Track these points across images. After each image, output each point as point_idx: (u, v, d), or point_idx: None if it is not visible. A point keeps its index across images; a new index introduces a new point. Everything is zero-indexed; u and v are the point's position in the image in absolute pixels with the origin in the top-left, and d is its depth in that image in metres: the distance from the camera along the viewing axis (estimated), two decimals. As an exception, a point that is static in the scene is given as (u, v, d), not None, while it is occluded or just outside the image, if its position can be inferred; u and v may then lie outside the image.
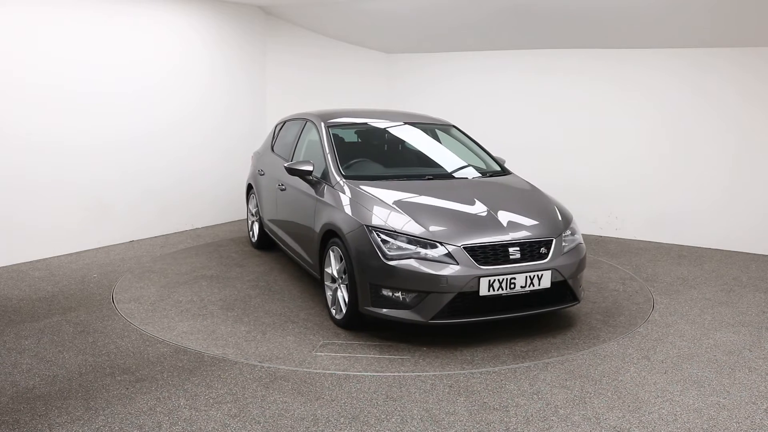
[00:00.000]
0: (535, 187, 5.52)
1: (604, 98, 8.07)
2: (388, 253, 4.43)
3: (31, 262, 6.51)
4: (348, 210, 4.85)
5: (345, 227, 4.74)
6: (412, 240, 4.45)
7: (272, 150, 6.96)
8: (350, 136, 6.14)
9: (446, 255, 4.38)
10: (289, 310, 5.31)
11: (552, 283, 4.55)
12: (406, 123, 6.21)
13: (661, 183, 7.82)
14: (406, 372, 4.15)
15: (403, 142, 6.19)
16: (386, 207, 4.72)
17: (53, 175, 6.64)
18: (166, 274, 6.33)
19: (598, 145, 8.15)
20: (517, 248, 4.51)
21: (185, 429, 3.41)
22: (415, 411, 3.64)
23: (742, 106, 7.28)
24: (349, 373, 4.11)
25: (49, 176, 6.60)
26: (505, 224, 4.65)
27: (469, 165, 5.84)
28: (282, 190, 6.19)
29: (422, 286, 4.33)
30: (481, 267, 4.38)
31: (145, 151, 7.53)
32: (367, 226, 4.56)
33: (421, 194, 5.01)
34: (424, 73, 9.23)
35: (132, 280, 6.13)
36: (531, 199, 5.21)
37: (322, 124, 5.85)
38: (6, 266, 6.34)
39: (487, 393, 3.88)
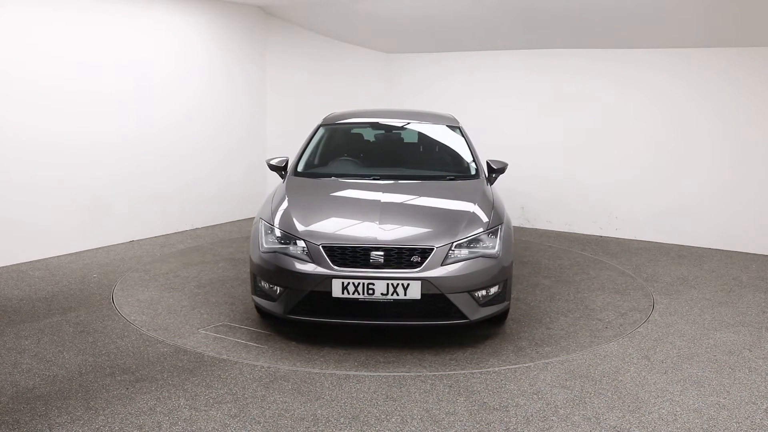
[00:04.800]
0: (485, 194, 5.08)
1: (604, 98, 8.06)
2: (264, 245, 4.63)
3: (31, 262, 6.51)
4: (265, 203, 5.11)
5: (255, 219, 5.03)
6: (284, 235, 4.58)
7: None
8: (352, 134, 6.27)
9: (305, 252, 4.44)
10: (244, 295, 5.57)
11: (425, 295, 4.27)
12: (410, 124, 6.18)
13: (661, 183, 7.82)
14: (407, 372, 4.15)
15: (393, 143, 6.23)
16: (283, 203, 4.90)
17: (53, 175, 6.63)
18: (204, 253, 6.84)
19: (598, 145, 8.15)
20: (381, 253, 4.33)
21: (185, 429, 3.41)
22: (415, 411, 3.64)
23: (742, 106, 7.28)
24: (349, 372, 4.11)
25: (48, 176, 6.59)
26: (381, 228, 4.47)
27: (439, 168, 5.68)
28: None
29: (280, 280, 4.47)
30: (336, 268, 4.32)
31: (146, 151, 7.53)
32: (261, 219, 4.83)
33: (336, 193, 5.12)
34: (423, 73, 9.23)
35: (176, 254, 6.86)
36: (449, 205, 4.92)
37: (318, 122, 6.03)
38: (6, 266, 6.33)
39: (487, 393, 3.88)
